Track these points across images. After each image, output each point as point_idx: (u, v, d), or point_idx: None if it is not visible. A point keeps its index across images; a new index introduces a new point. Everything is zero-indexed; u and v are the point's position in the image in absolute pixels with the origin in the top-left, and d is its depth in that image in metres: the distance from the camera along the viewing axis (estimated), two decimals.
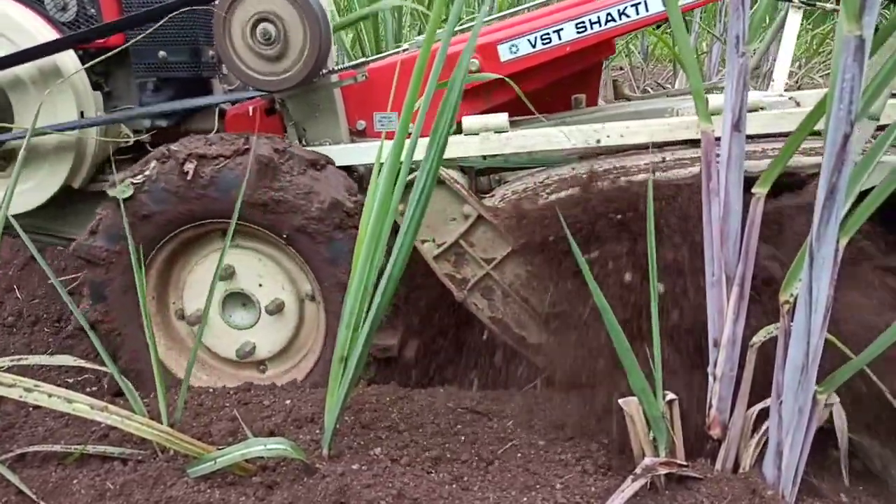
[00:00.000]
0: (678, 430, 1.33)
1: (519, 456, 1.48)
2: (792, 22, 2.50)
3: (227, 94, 2.11)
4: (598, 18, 1.79)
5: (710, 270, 1.28)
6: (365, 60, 1.95)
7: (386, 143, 1.40)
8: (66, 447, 1.47)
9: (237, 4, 1.71)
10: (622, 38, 4.35)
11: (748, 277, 1.26)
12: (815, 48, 5.70)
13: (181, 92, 1.99)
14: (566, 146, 1.69)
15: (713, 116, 1.26)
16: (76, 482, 1.39)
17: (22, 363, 1.66)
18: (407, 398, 1.66)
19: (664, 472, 1.27)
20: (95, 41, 1.86)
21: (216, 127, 1.89)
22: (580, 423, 1.54)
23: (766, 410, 1.28)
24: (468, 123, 1.73)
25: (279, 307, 1.84)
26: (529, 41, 1.81)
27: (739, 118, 1.22)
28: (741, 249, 1.25)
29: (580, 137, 1.67)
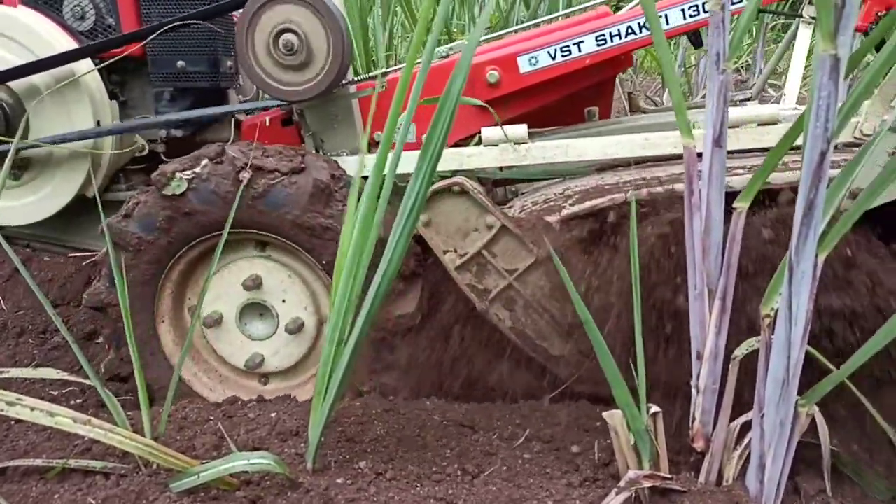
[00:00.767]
0: (662, 442, 1.34)
1: (504, 469, 1.47)
2: (803, 36, 2.54)
3: (242, 104, 2.10)
4: (618, 31, 1.81)
5: (692, 284, 1.30)
6: (385, 71, 1.95)
7: (406, 154, 1.37)
8: (47, 461, 1.46)
9: (260, 15, 1.69)
10: None
11: (730, 291, 1.27)
12: None
13: (197, 102, 1.99)
14: (586, 158, 1.69)
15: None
16: (57, 497, 1.37)
17: (3, 376, 1.65)
18: (392, 411, 1.66)
19: (648, 485, 1.27)
20: (113, 50, 1.84)
21: (232, 137, 1.88)
22: (566, 435, 1.54)
23: (749, 423, 1.29)
24: (487, 134, 1.74)
25: (299, 326, 1.82)
26: (549, 53, 1.82)
27: (720, 134, 1.23)
28: (723, 263, 1.27)
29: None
